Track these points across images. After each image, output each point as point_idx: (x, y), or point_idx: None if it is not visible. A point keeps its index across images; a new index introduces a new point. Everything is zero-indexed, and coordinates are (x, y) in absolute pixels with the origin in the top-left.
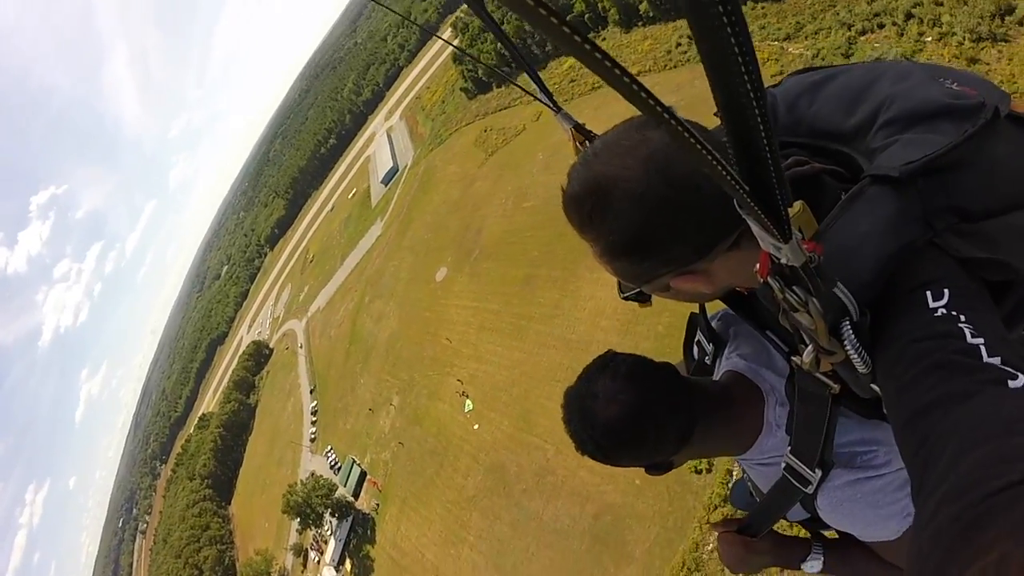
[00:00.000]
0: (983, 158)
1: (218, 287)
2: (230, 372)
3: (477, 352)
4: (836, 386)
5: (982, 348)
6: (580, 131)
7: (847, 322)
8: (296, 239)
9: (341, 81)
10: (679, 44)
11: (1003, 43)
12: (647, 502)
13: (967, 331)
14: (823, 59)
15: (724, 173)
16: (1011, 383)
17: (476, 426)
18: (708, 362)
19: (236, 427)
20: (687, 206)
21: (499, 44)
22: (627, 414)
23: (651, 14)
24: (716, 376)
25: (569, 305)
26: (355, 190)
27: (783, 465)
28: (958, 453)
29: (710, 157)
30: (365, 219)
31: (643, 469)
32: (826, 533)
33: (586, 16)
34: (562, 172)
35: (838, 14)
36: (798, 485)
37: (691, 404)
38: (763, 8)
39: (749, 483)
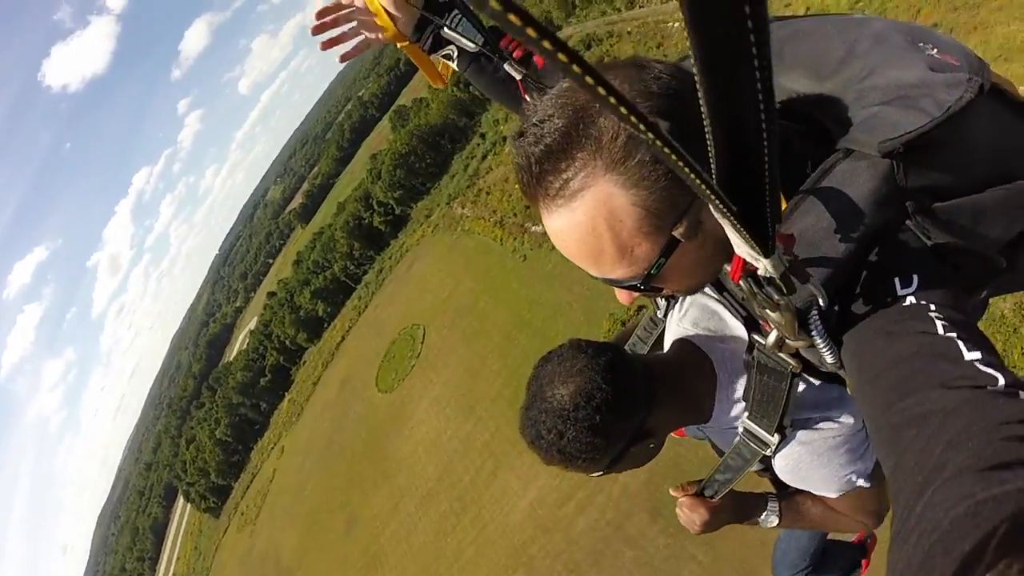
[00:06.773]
0: (963, 136)
1: None
2: None
3: None
4: (798, 365)
5: (960, 344)
6: (529, 82)
7: (815, 312)
8: None
9: None
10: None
11: None
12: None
13: (939, 323)
14: None
15: (704, 187)
16: (991, 387)
17: None
18: (661, 315)
19: None
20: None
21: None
22: (590, 379)
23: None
24: (666, 342)
25: (404, 479)
26: None
27: (741, 429)
28: (945, 457)
29: (688, 170)
30: None
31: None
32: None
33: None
34: (313, 483)
35: None
36: (757, 448)
37: (642, 362)
38: None
39: (708, 440)
